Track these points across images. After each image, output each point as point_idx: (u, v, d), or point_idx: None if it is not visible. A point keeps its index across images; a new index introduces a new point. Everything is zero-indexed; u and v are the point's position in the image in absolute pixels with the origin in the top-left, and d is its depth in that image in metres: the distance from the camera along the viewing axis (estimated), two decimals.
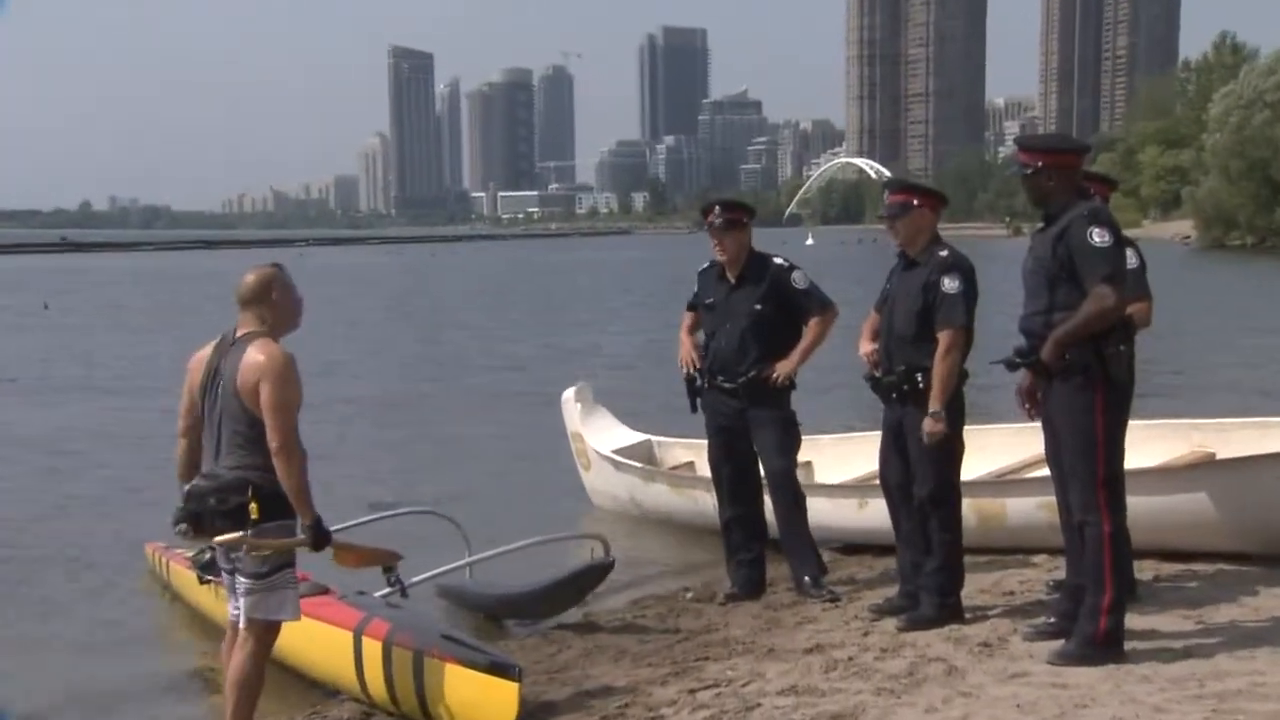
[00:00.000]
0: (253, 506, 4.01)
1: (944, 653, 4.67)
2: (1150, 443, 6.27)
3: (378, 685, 4.57)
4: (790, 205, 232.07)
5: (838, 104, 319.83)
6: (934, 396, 4.95)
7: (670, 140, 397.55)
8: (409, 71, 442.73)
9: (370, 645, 4.58)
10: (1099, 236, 4.36)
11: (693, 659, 4.93)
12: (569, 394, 8.38)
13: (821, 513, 6.21)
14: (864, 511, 6.44)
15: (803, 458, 6.20)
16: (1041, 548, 5.94)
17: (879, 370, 5.21)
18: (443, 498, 7.84)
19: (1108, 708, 3.95)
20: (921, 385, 5.01)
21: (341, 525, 5.73)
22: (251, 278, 4.19)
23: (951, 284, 5.00)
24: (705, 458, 6.23)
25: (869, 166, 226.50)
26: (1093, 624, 4.42)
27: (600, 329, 24.17)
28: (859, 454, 7.15)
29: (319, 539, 4.11)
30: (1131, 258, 5.05)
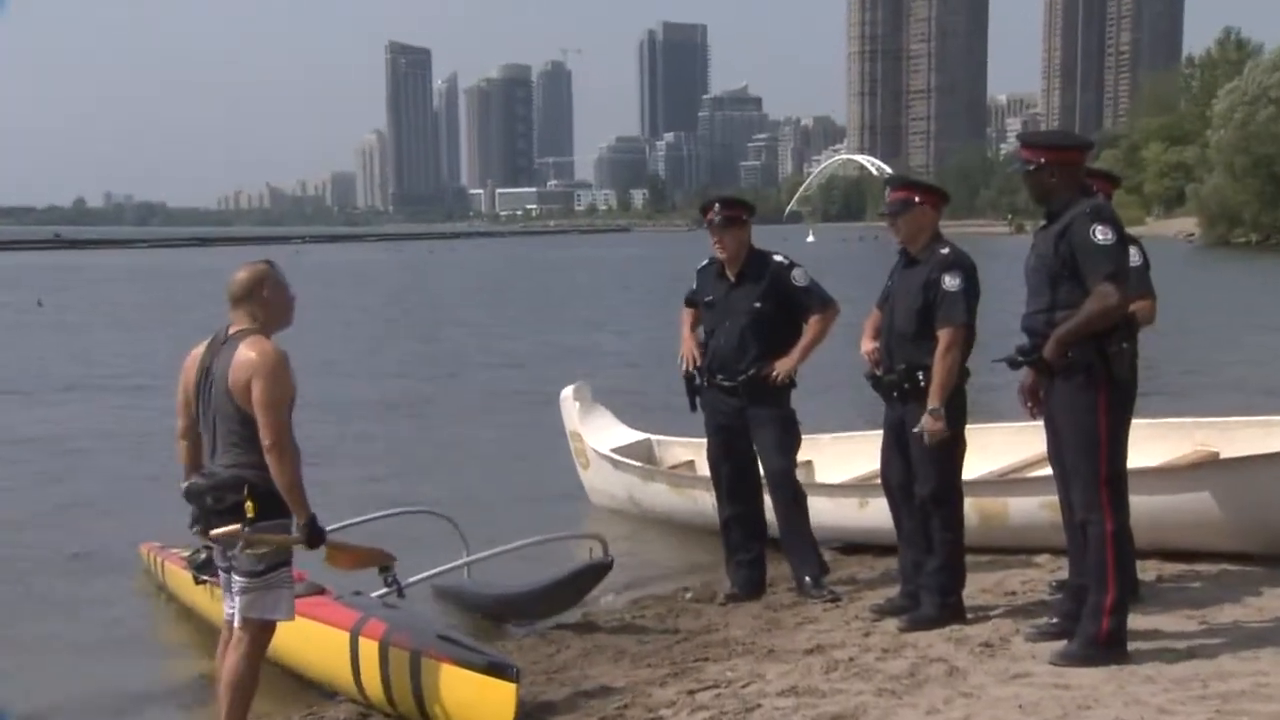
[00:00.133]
0: (249, 505, 4.00)
1: (945, 653, 4.66)
2: (1153, 442, 6.26)
3: (374, 686, 4.55)
4: (791, 202, 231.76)
5: (839, 100, 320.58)
6: (933, 394, 4.93)
7: (670, 137, 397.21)
8: (406, 67, 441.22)
9: (367, 645, 4.56)
10: (1102, 234, 4.34)
11: (692, 659, 4.92)
12: (567, 392, 8.36)
13: (822, 512, 6.19)
14: (865, 511, 6.42)
15: (803, 457, 6.18)
16: (1044, 547, 5.91)
17: (880, 369, 5.19)
18: (440, 497, 7.78)
19: (1110, 709, 3.93)
20: (923, 384, 5.00)
21: (339, 524, 5.72)
22: (243, 275, 4.18)
23: (952, 282, 4.98)
24: (705, 457, 6.21)
25: (870, 163, 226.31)
26: (1095, 624, 4.40)
27: (599, 327, 24.14)
28: (859, 453, 7.14)
29: (313, 536, 4.09)
30: (1135, 255, 5.03)
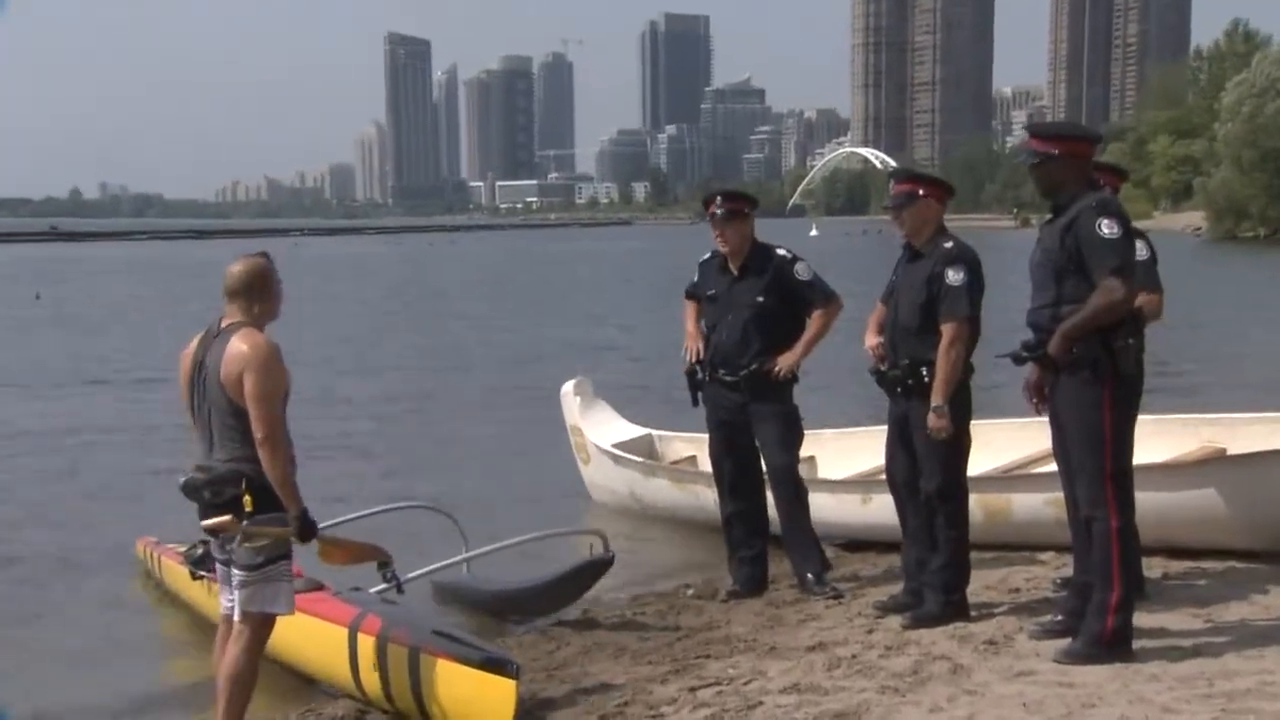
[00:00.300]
0: (246, 499, 3.99)
1: (949, 651, 4.63)
2: (1159, 438, 6.22)
3: (372, 682, 4.52)
4: (794, 196, 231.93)
5: (843, 92, 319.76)
6: (936, 390, 4.89)
7: (672, 129, 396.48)
8: (406, 58, 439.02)
9: (365, 642, 4.53)
10: (1108, 228, 4.31)
11: (693, 656, 4.89)
12: (568, 387, 8.32)
13: (825, 508, 6.18)
14: (868, 507, 6.40)
15: (806, 452, 6.16)
16: (1048, 544, 5.88)
17: (884, 363, 5.16)
18: (440, 492, 7.78)
19: (1115, 707, 3.91)
20: (926, 379, 4.96)
21: (339, 519, 5.70)
22: (239, 268, 4.17)
23: (956, 276, 4.94)
24: (706, 452, 6.18)
25: (874, 156, 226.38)
26: (1100, 622, 4.37)
27: (600, 321, 24.11)
28: (863, 449, 7.12)
29: (305, 530, 4.08)
30: (1142, 249, 5.01)
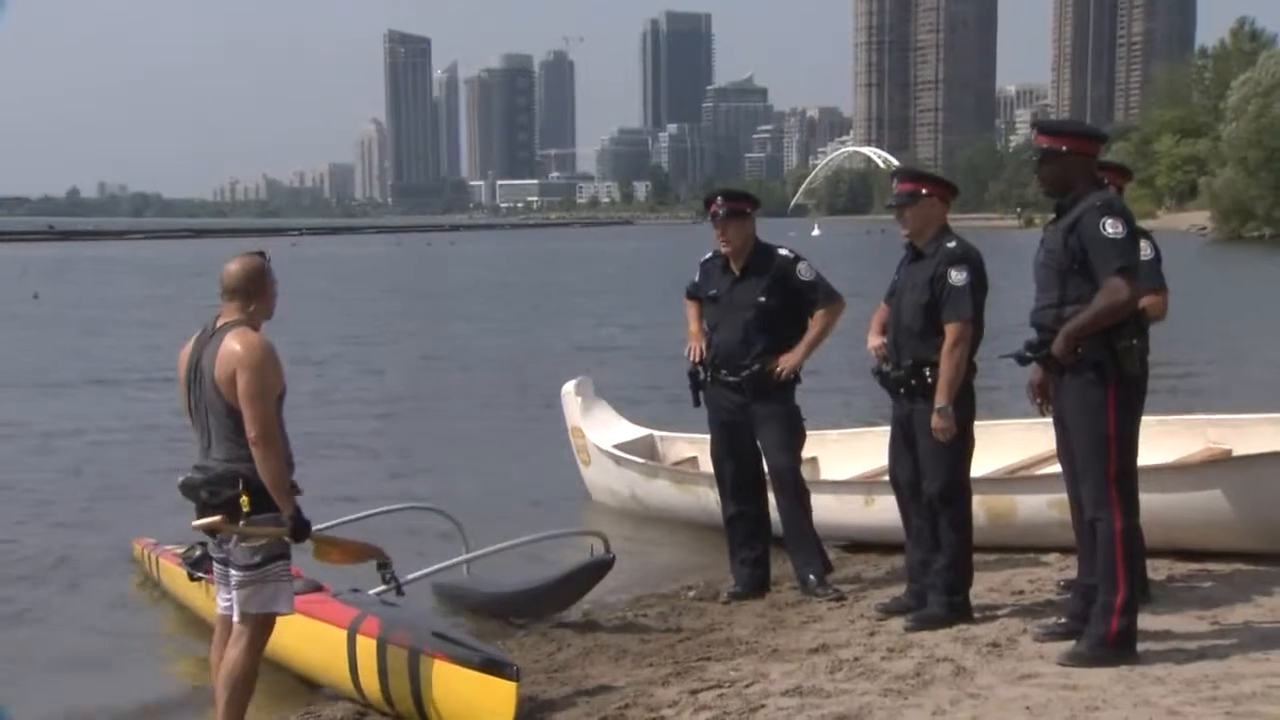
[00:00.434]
0: (244, 499, 3.98)
1: (952, 653, 4.61)
2: (1164, 439, 6.21)
3: (372, 685, 4.51)
4: (796, 195, 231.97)
5: (845, 91, 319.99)
6: (940, 392, 4.87)
7: (673, 128, 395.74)
8: (406, 57, 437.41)
9: (365, 644, 4.52)
10: (1112, 228, 4.29)
11: (695, 659, 4.87)
12: (569, 387, 8.31)
13: (827, 509, 6.15)
14: (870, 508, 6.38)
15: (808, 453, 6.15)
16: (1052, 546, 5.86)
17: (887, 364, 5.13)
18: (440, 493, 7.75)
19: (1120, 710, 3.89)
20: (930, 379, 4.95)
21: (340, 520, 5.69)
22: (236, 267, 4.16)
23: (959, 276, 4.92)
24: (708, 453, 6.16)
25: (877, 155, 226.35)
26: (1105, 624, 4.35)
27: (602, 321, 24.09)
28: (865, 449, 7.11)
29: (298, 529, 4.07)
30: (1146, 249, 4.99)
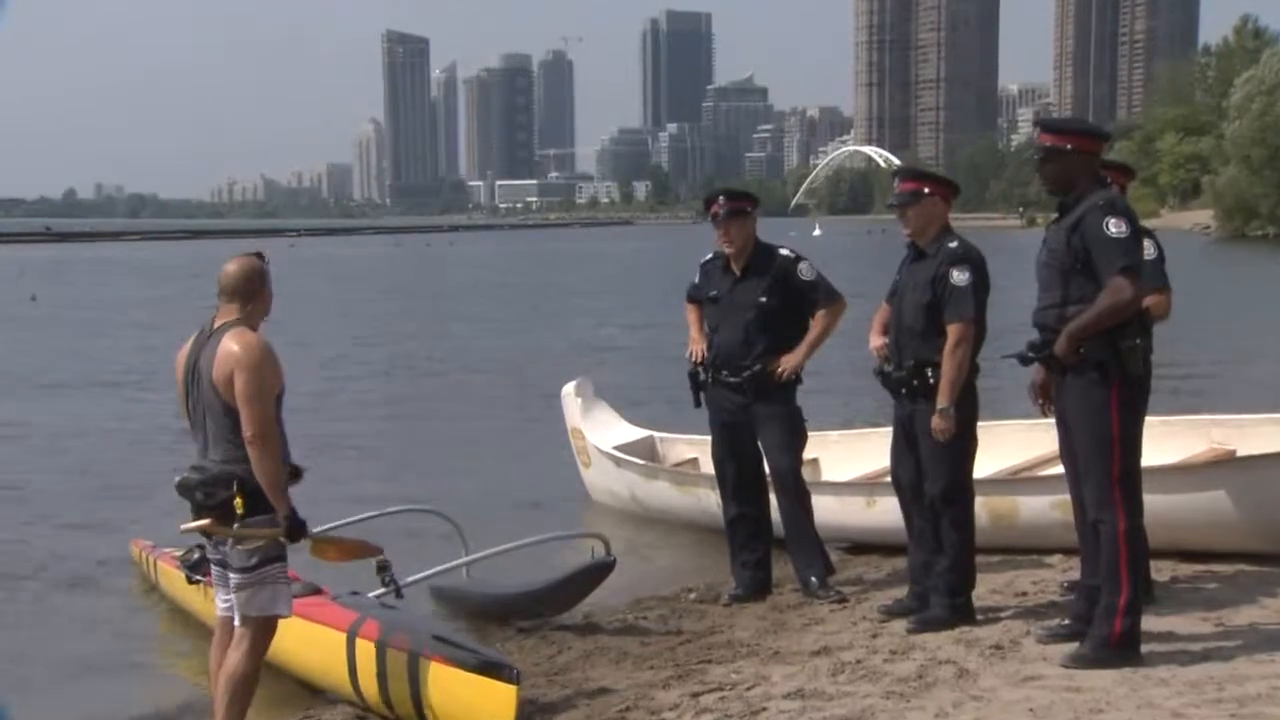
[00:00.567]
0: (238, 500, 3.97)
1: (955, 655, 4.60)
2: (1168, 439, 6.19)
3: (371, 688, 4.49)
4: (797, 195, 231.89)
5: (846, 90, 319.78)
6: (942, 393, 4.85)
7: (673, 128, 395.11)
8: (404, 57, 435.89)
9: (364, 647, 4.50)
10: (1115, 227, 4.28)
11: (696, 661, 4.86)
12: (569, 389, 8.29)
13: (828, 511, 6.13)
14: (872, 510, 6.35)
15: (809, 454, 6.14)
16: (1056, 547, 5.84)
17: (889, 364, 5.11)
18: (439, 495, 7.73)
19: (1124, 712, 3.88)
20: (932, 380, 4.93)
21: (339, 522, 5.66)
22: (234, 267, 4.15)
23: (960, 276, 4.91)
24: (709, 454, 6.14)
25: (878, 155, 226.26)
26: (1108, 625, 4.34)
27: (601, 322, 24.09)
28: (867, 451, 7.09)
29: (293, 530, 4.06)
30: (1149, 248, 4.98)
